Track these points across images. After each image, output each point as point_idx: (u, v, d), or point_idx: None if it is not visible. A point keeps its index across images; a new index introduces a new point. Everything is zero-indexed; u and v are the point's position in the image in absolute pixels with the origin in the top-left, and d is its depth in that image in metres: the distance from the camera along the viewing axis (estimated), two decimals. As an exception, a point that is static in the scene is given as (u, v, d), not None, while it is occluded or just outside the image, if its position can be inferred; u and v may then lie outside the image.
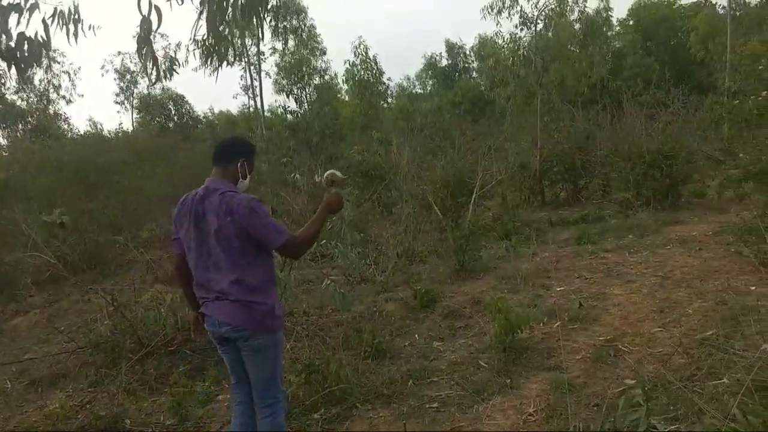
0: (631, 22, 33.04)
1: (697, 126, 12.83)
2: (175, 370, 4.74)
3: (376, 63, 25.69)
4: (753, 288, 5.10)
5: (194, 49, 3.69)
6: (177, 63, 3.98)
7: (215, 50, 3.60)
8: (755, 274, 5.25)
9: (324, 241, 5.73)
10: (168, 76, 3.95)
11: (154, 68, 3.52)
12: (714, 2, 29.09)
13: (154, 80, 3.61)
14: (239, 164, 3.02)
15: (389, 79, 29.67)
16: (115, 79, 37.28)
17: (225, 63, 3.75)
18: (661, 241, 7.57)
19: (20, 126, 30.62)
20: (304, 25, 31.00)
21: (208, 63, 3.74)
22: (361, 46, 25.09)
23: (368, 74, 25.24)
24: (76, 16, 3.04)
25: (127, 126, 34.60)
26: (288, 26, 30.36)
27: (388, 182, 10.98)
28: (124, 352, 4.91)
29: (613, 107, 12.72)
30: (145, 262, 7.66)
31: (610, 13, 21.16)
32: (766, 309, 4.39)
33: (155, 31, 3.18)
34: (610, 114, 12.62)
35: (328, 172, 3.23)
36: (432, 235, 8.77)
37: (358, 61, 25.16)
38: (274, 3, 26.79)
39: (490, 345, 4.64)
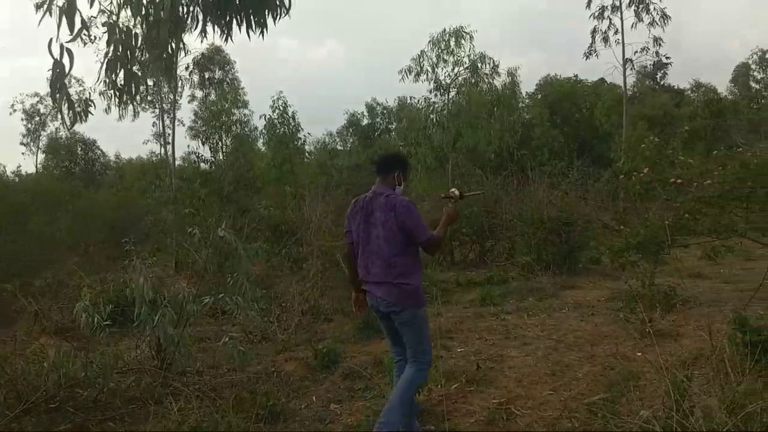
0: (539, 96, 35.15)
1: (595, 196, 13.67)
2: (55, 429, 4.37)
3: (294, 118, 25.85)
4: (639, 354, 5.34)
5: (104, 90, 3.60)
6: (92, 105, 3.85)
7: (122, 92, 3.51)
8: (641, 341, 5.51)
9: (222, 295, 5.54)
10: (83, 118, 3.81)
11: (70, 111, 3.40)
12: (612, 82, 31.52)
13: (70, 125, 3.47)
14: (396, 174, 3.96)
15: (308, 134, 29.85)
16: (22, 119, 35.63)
17: (136, 102, 3.66)
18: (557, 305, 7.86)
19: None
20: (229, 78, 30.98)
21: (119, 103, 3.65)
22: (280, 101, 25.22)
23: (285, 128, 25.28)
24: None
25: (30, 169, 32.94)
26: (212, 77, 30.28)
27: (298, 237, 10.86)
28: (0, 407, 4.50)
29: (519, 174, 13.34)
30: (33, 312, 7.14)
31: (517, 88, 22.46)
32: (650, 375, 4.59)
33: (68, 74, 3.09)
34: (516, 180, 13.23)
35: (451, 189, 4.20)
36: (339, 292, 8.69)
37: (275, 115, 25.20)
38: (195, 56, 26.64)
39: (388, 407, 4.57)
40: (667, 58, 28.92)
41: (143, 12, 2.80)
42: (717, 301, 7.08)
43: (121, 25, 2.92)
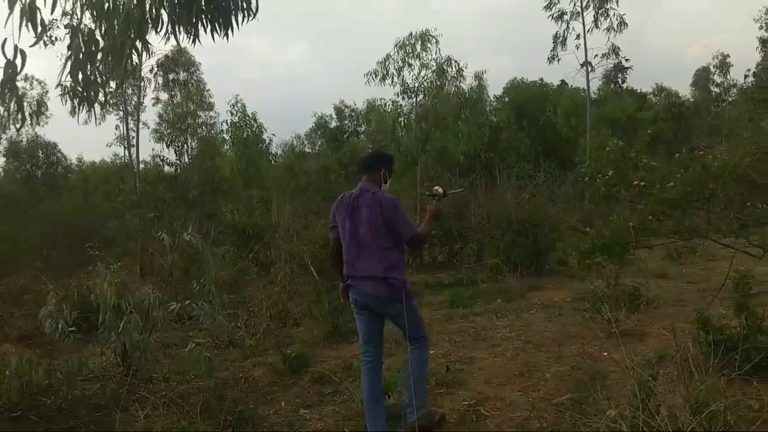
0: (506, 99, 35.52)
1: (562, 198, 13.90)
2: (18, 438, 4.24)
3: (255, 120, 25.51)
4: (605, 354, 5.42)
5: (61, 94, 3.50)
6: (45, 107, 3.75)
7: (84, 96, 3.42)
8: (607, 341, 5.59)
9: (189, 301, 5.45)
10: (35, 120, 3.71)
11: (19, 112, 3.32)
12: (576, 86, 32.06)
13: (19, 125, 3.37)
14: (382, 172, 4.10)
15: (273, 135, 29.51)
16: (-21, 123, 34.51)
17: (96, 109, 3.57)
18: (525, 306, 7.95)
19: None
20: (194, 79, 30.54)
21: (78, 109, 3.56)
22: (238, 104, 24.89)
23: (248, 131, 24.96)
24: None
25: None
26: (177, 79, 29.81)
27: (266, 241, 10.77)
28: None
29: (488, 177, 13.48)
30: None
31: (484, 91, 22.65)
32: (616, 375, 4.66)
33: (19, 74, 3.02)
34: (484, 183, 13.36)
35: (435, 187, 4.36)
36: (308, 296, 8.63)
37: (236, 119, 24.86)
38: (159, 57, 26.19)
39: (357, 411, 4.55)
40: (626, 60, 29.48)
41: (106, 14, 2.73)
42: (680, 300, 7.26)
43: (83, 28, 2.85)
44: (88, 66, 3.10)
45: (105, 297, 4.69)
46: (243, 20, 3.28)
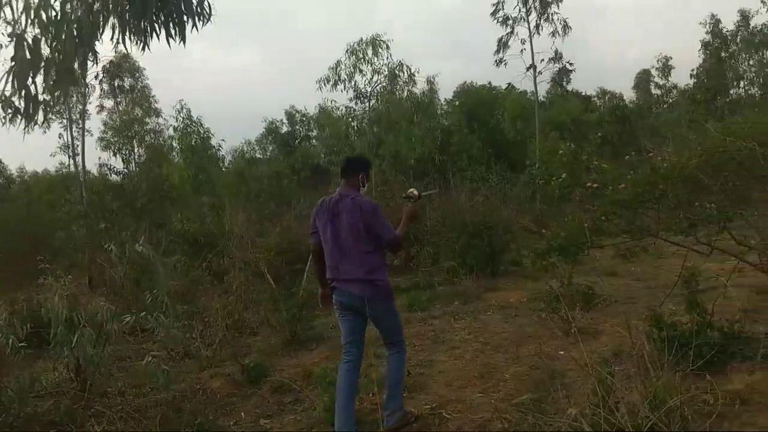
0: (457, 103, 35.93)
1: (514, 199, 14.12)
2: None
3: (202, 125, 25.09)
4: (562, 353, 5.51)
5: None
6: None
7: (23, 111, 3.27)
8: (563, 340, 5.70)
9: (144, 313, 5.30)
10: None
11: None
12: (523, 89, 32.75)
13: None
14: (360, 176, 4.20)
15: (222, 140, 29.06)
16: None
17: (35, 123, 3.41)
18: (482, 307, 8.02)
19: None
20: (140, 85, 29.83)
21: (16, 122, 3.40)
22: (184, 110, 24.43)
23: (195, 137, 24.52)
24: None
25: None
26: (122, 85, 29.06)
27: (219, 249, 10.58)
28: None
29: (441, 180, 13.58)
30: None
31: (435, 95, 22.94)
32: (573, 373, 4.75)
33: None
34: (438, 186, 13.45)
35: (410, 190, 4.55)
36: (265, 305, 8.51)
37: (181, 125, 24.40)
38: (104, 63, 25.42)
39: (319, 419, 4.52)
40: (570, 64, 30.21)
41: (54, 23, 2.62)
42: (631, 298, 7.45)
43: (28, 37, 2.72)
44: (30, 78, 2.97)
45: (57, 311, 4.54)
46: (197, 24, 3.20)
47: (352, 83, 16.02)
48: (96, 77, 26.69)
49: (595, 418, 3.16)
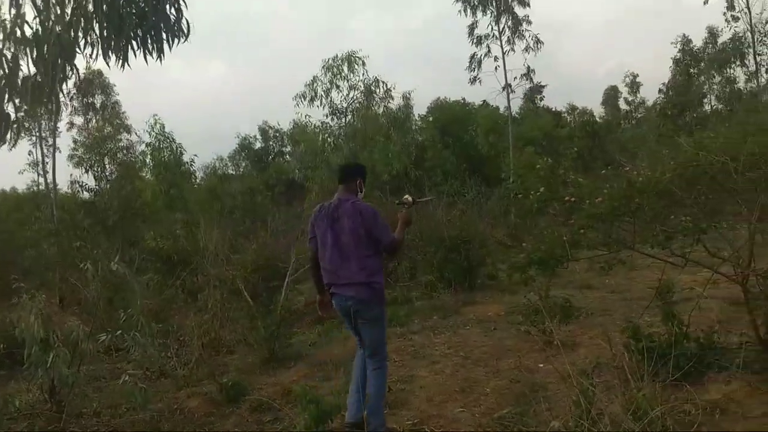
0: (431, 118, 36.17)
1: (489, 214, 14.23)
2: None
3: (174, 140, 24.83)
4: (541, 365, 5.55)
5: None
6: None
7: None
8: (542, 353, 5.73)
9: (120, 332, 5.21)
10: None
11: None
12: (496, 105, 33.15)
13: None
14: (357, 182, 4.35)
15: (195, 155, 28.71)
16: None
17: (3, 143, 3.35)
18: (461, 322, 8.04)
19: None
20: (111, 102, 29.50)
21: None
22: (157, 125, 24.19)
23: (167, 153, 24.26)
24: None
25: None
26: (93, 102, 28.75)
27: (194, 267, 10.42)
28: None
29: (417, 195, 13.61)
30: None
31: (410, 111, 23.08)
32: (553, 386, 4.77)
33: None
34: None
35: (405, 196, 4.63)
36: (242, 323, 8.40)
37: (154, 140, 24.13)
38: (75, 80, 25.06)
39: (299, 438, 4.46)
40: (541, 86, 30.62)
41: (36, 39, 2.57)
42: (608, 310, 7.53)
43: (6, 54, 2.67)
44: (6, 97, 2.91)
45: (31, 331, 4.42)
46: (175, 42, 3.19)
47: (329, 99, 16.09)
48: (68, 94, 26.39)
49: (578, 430, 3.18)
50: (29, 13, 2.77)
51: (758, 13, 29.48)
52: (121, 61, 2.97)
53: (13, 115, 3.03)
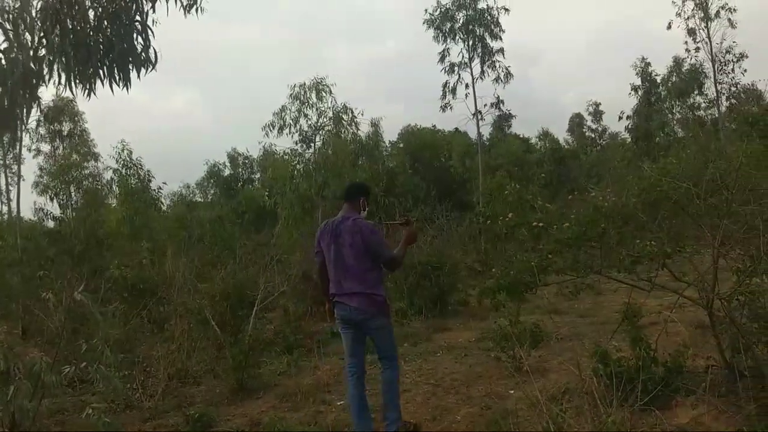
0: (401, 145, 36.45)
1: (459, 239, 14.30)
2: None
3: (141, 167, 24.55)
4: (512, 392, 5.54)
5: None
6: None
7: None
8: (513, 379, 5.73)
9: (84, 364, 5.05)
10: None
11: None
12: (465, 131, 33.61)
13: None
14: (361, 201, 4.67)
15: (164, 183, 28.37)
16: None
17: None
18: (432, 349, 8.00)
19: None
20: (78, 129, 29.10)
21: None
22: (125, 151, 23.90)
23: (134, 180, 23.95)
24: None
25: None
26: (60, 130, 28.34)
27: (160, 296, 10.22)
28: None
29: (387, 221, 13.60)
30: None
31: (379, 137, 23.24)
32: (523, 412, 4.76)
33: None
34: (385, 227, 13.47)
35: (398, 218, 5.12)
36: (209, 352, 8.23)
37: (120, 167, 23.83)
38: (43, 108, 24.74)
39: (269, 471, 4.37)
40: (510, 115, 31.07)
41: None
42: (576, 335, 7.58)
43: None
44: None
45: (-9, 363, 4.26)
46: (142, 71, 3.17)
47: (298, 127, 16.11)
48: (36, 122, 26.00)
49: (549, 457, 3.17)
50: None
51: (718, 43, 30.37)
52: (87, 90, 2.94)
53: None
